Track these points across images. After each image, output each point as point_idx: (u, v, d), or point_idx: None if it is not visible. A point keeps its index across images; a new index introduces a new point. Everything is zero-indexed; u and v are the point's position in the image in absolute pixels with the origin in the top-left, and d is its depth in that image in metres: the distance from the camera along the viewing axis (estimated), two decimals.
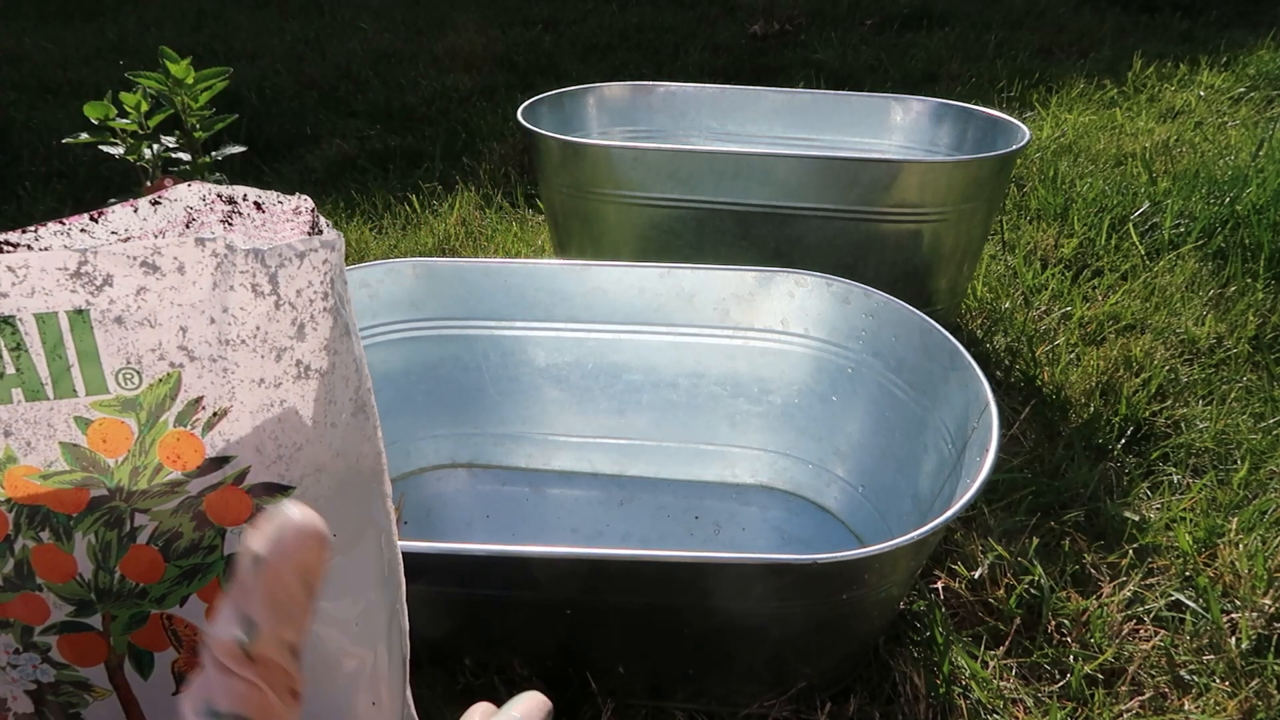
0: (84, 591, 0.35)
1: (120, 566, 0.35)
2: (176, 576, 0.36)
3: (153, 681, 0.37)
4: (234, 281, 0.33)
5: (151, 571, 0.36)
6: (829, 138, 1.42)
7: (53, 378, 0.32)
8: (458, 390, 0.99)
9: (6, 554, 0.34)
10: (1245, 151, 1.82)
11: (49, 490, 0.34)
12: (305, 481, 0.37)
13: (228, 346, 0.34)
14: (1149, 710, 0.76)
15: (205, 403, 0.34)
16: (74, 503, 0.34)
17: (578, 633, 0.70)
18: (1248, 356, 1.22)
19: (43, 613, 0.35)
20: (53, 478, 0.34)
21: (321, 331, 0.35)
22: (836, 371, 0.91)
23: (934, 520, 0.60)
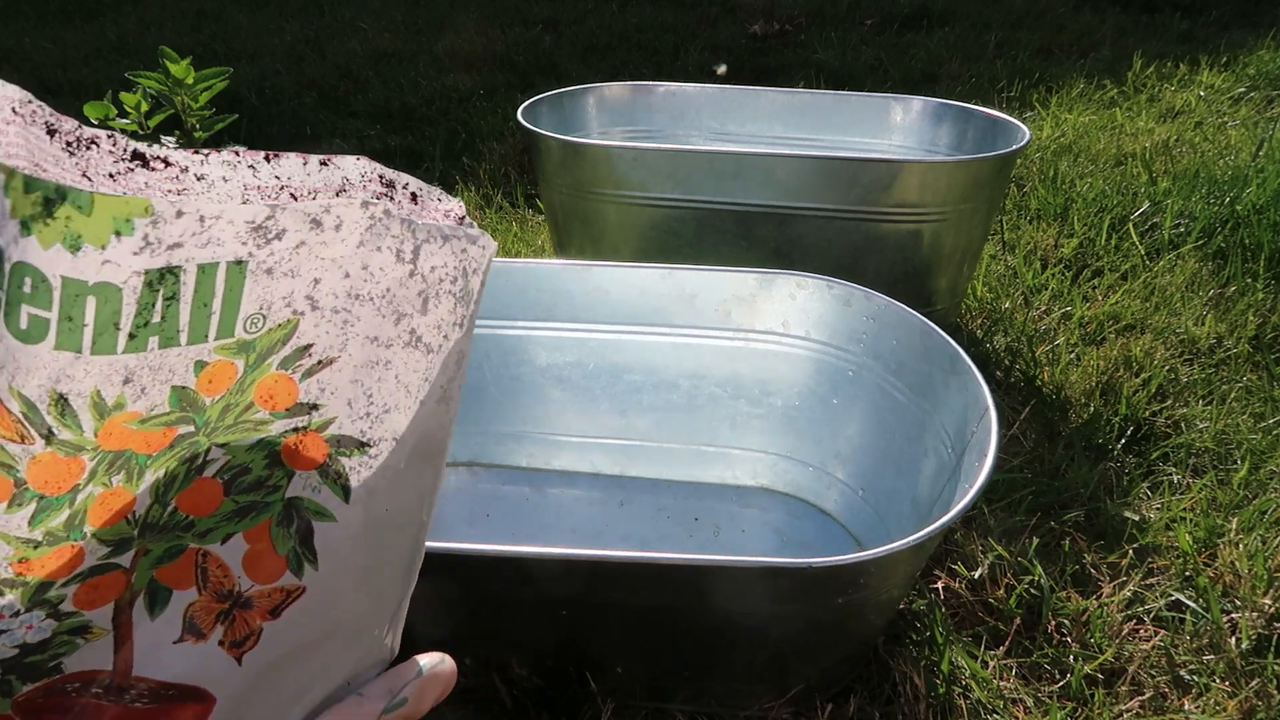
0: (129, 529, 0.35)
1: (178, 499, 0.35)
2: (230, 512, 0.36)
3: (157, 623, 0.36)
4: (381, 244, 0.35)
5: (208, 504, 0.36)
6: (829, 138, 1.42)
7: (190, 325, 0.32)
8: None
9: (65, 505, 0.33)
10: (1245, 151, 1.82)
11: (140, 433, 0.33)
12: (382, 445, 0.37)
13: (355, 301, 0.35)
14: (1149, 710, 0.76)
15: (314, 350, 0.35)
16: (159, 442, 0.34)
17: (577, 633, 0.70)
18: (1248, 356, 1.22)
19: (75, 562, 0.34)
20: (150, 420, 0.33)
21: (442, 311, 0.36)
22: (837, 374, 0.91)
23: (932, 525, 0.60)
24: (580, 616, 0.68)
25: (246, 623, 0.37)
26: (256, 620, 0.37)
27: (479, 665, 0.73)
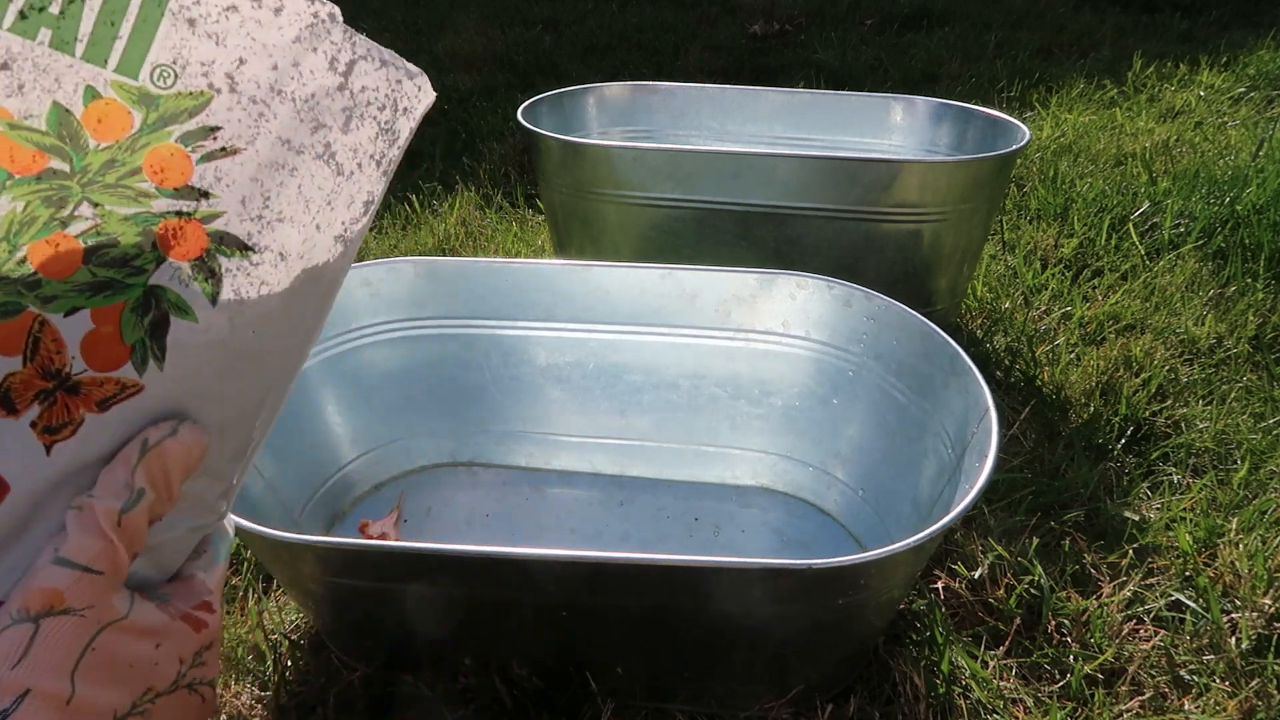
0: None
1: (29, 248, 0.32)
2: (85, 283, 0.33)
3: None
4: (318, 45, 0.34)
5: (62, 267, 0.32)
6: (829, 138, 1.42)
7: (91, 39, 0.31)
8: (459, 389, 0.99)
9: None
10: (1245, 151, 1.82)
11: (6, 140, 0.31)
12: (266, 255, 0.35)
13: (276, 96, 0.34)
14: (1149, 710, 0.76)
15: (220, 135, 0.33)
16: (25, 164, 0.31)
17: (577, 633, 0.70)
18: (1248, 356, 1.22)
19: None
20: (19, 130, 0.31)
21: (363, 135, 0.35)
22: (837, 374, 0.91)
23: (932, 526, 0.60)
24: (580, 617, 0.68)
25: (68, 409, 0.33)
26: (80, 409, 0.33)
27: (479, 666, 0.73)
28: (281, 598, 0.86)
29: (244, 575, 0.88)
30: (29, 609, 0.32)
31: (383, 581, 0.67)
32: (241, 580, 0.88)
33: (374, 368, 0.97)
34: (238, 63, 0.33)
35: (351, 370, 0.95)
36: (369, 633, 0.74)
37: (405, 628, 0.70)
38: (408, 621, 0.69)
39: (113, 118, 0.32)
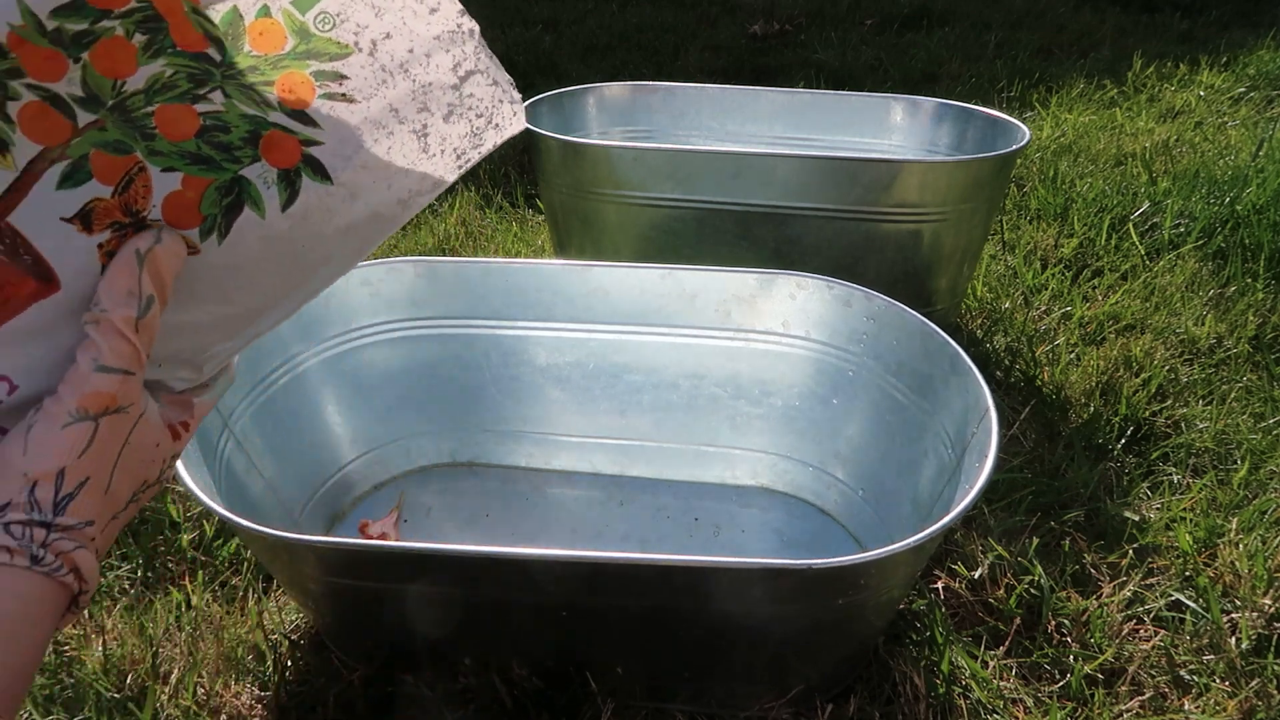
0: (109, 93, 0.37)
1: (160, 107, 0.38)
2: (190, 152, 0.39)
3: (60, 194, 0.38)
4: (451, 49, 0.42)
5: (177, 129, 0.39)
6: (829, 138, 1.42)
7: None
8: (459, 389, 0.99)
9: (87, 19, 0.36)
10: (1245, 151, 1.82)
11: (184, 19, 0.37)
12: (339, 190, 0.42)
13: (403, 73, 0.41)
14: (1149, 710, 0.76)
15: (346, 84, 0.41)
16: (189, 42, 0.38)
17: (577, 633, 0.70)
18: (1248, 356, 1.22)
19: (52, 74, 0.36)
20: (198, 15, 0.38)
21: (455, 131, 0.43)
22: (837, 374, 0.91)
23: (932, 526, 0.60)
24: (580, 617, 0.68)
25: None
26: None
27: (479, 666, 0.73)
28: (281, 598, 0.86)
29: (244, 575, 0.88)
30: (89, 410, 0.38)
31: (383, 581, 0.67)
32: (241, 580, 0.88)
33: (374, 368, 0.97)
34: (385, 35, 0.40)
35: (351, 370, 0.95)
36: (369, 633, 0.74)
37: (405, 628, 0.70)
38: (408, 621, 0.69)
39: (271, 35, 0.39)
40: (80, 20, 0.36)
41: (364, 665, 0.75)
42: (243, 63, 0.39)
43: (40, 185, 0.38)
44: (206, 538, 0.92)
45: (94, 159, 0.38)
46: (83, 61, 0.36)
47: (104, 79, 0.37)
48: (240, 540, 0.91)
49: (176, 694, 0.76)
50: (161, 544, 0.92)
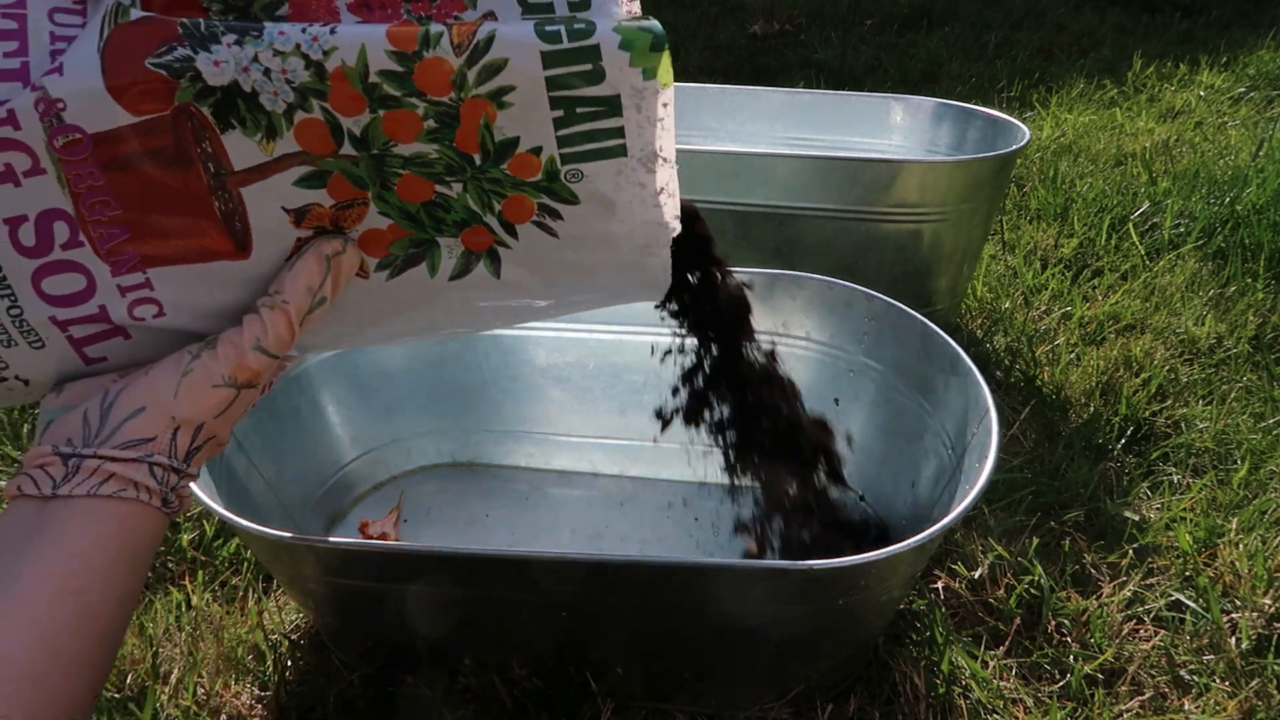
0: (377, 145, 0.42)
1: (407, 175, 0.43)
2: (409, 212, 0.45)
3: (291, 190, 0.43)
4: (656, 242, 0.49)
5: (410, 194, 0.44)
6: (829, 138, 1.42)
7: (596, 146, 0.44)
8: (459, 389, 0.99)
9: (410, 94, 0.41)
10: (1245, 151, 1.82)
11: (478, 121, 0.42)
12: (496, 284, 0.49)
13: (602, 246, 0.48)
14: (1149, 710, 0.76)
15: (556, 224, 0.47)
16: (468, 144, 0.43)
17: (577, 634, 0.70)
18: (1248, 356, 1.22)
19: (354, 111, 0.41)
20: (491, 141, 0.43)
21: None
22: (837, 374, 0.91)
23: (933, 526, 0.60)
24: (580, 617, 0.68)
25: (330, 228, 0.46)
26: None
27: (478, 666, 0.73)
28: (281, 598, 0.86)
29: (244, 575, 0.88)
30: (236, 378, 0.42)
31: (383, 582, 0.67)
32: (241, 580, 0.88)
33: (374, 368, 0.97)
34: (610, 203, 0.47)
35: (351, 370, 0.95)
36: (369, 633, 0.74)
37: (405, 628, 0.70)
38: (408, 621, 0.69)
39: (528, 167, 0.44)
40: (397, 88, 0.40)
41: (364, 665, 0.75)
42: (493, 174, 0.44)
43: (281, 175, 0.42)
44: (206, 538, 0.92)
45: (334, 178, 0.43)
46: (378, 115, 0.41)
47: (383, 134, 0.42)
48: (240, 540, 0.91)
49: (176, 694, 0.76)
50: (161, 544, 0.91)
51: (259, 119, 0.40)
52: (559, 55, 0.40)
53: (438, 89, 0.40)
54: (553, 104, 0.41)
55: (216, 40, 0.38)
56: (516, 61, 0.40)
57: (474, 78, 0.40)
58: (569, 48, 0.40)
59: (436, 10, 0.41)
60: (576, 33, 0.40)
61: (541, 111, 0.42)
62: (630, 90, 0.42)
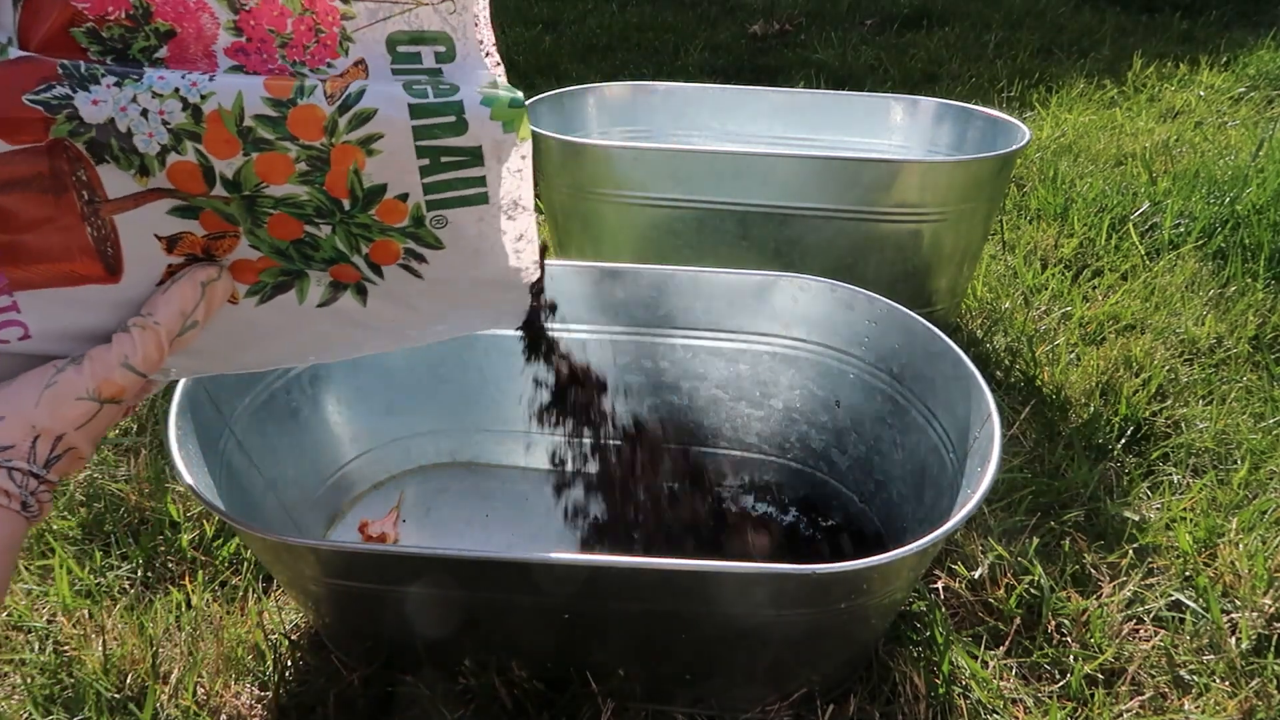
0: (249, 187, 0.44)
1: (278, 214, 0.45)
2: (278, 249, 0.47)
3: (164, 218, 0.44)
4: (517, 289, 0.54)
5: (281, 232, 0.46)
6: (829, 138, 1.42)
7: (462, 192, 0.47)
8: (459, 389, 0.99)
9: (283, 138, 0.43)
10: (1245, 151, 1.82)
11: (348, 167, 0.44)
12: (361, 313, 0.51)
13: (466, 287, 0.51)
14: (1149, 710, 0.76)
15: (421, 267, 0.49)
16: (337, 189, 0.45)
17: (577, 636, 0.70)
18: (1248, 356, 1.22)
19: (228, 154, 0.43)
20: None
21: None
22: (838, 376, 0.91)
23: (935, 530, 0.60)
24: (581, 619, 0.68)
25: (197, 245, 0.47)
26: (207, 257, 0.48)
27: (478, 667, 0.73)
28: (281, 598, 0.86)
29: (244, 575, 0.88)
30: (100, 393, 0.43)
31: (383, 583, 0.67)
32: (241, 580, 0.88)
33: (374, 368, 0.97)
34: (474, 250, 0.50)
35: (351, 370, 0.95)
36: (369, 633, 0.74)
37: (405, 628, 0.70)
38: (408, 622, 0.69)
39: (395, 213, 0.46)
40: (270, 131, 0.42)
41: (364, 666, 0.75)
42: (362, 219, 0.46)
43: (155, 204, 0.44)
44: (206, 538, 0.92)
45: (206, 213, 0.45)
46: (250, 157, 0.43)
47: (255, 176, 0.43)
48: (240, 540, 0.91)
49: (176, 694, 0.76)
50: (161, 544, 0.91)
51: (132, 159, 0.41)
52: (425, 108, 0.43)
53: (310, 134, 0.42)
54: (419, 153, 0.44)
55: (96, 81, 0.40)
56: (385, 111, 0.43)
57: (345, 124, 0.42)
58: (435, 102, 0.43)
59: (310, 56, 0.43)
60: (442, 91, 0.43)
61: (408, 160, 0.44)
62: (491, 142, 0.45)
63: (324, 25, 0.43)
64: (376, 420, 0.98)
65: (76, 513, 0.95)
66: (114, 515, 0.94)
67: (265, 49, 0.42)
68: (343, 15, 0.43)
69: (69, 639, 0.81)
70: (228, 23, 0.42)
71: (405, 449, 1.01)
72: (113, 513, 0.95)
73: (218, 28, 0.42)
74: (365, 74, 0.43)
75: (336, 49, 0.43)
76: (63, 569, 0.86)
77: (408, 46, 0.44)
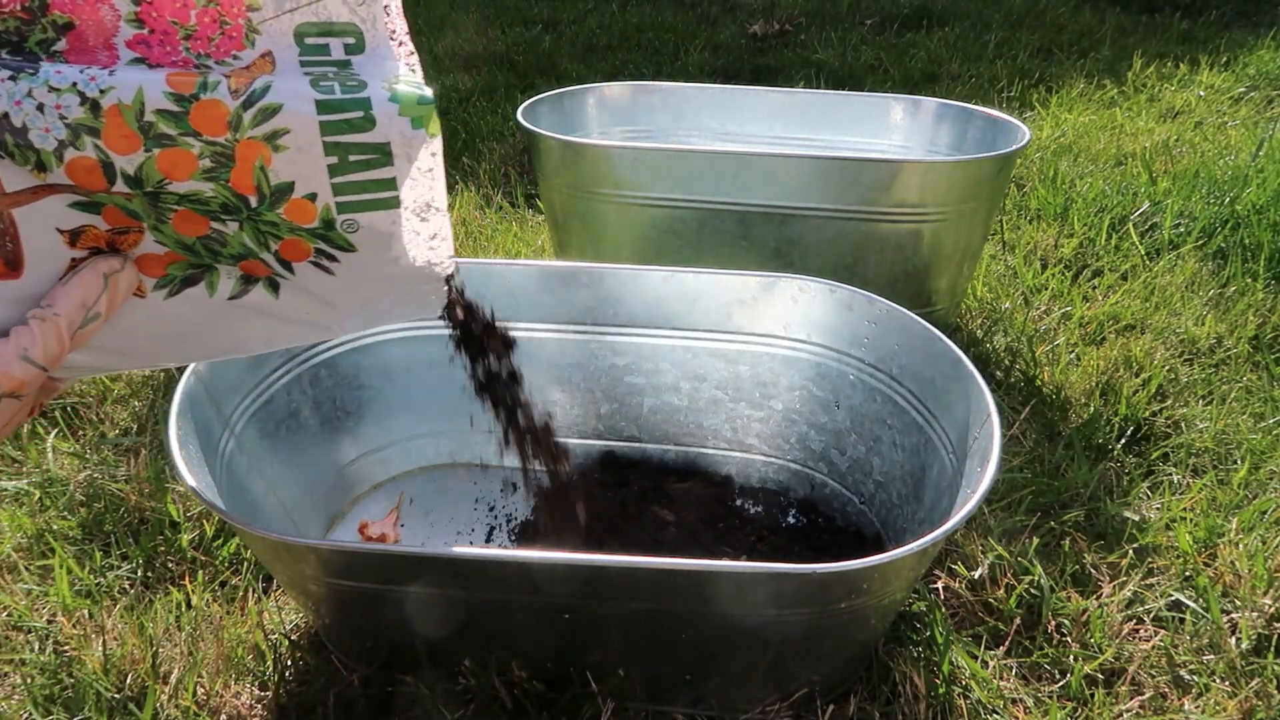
0: (151, 183, 0.43)
1: (183, 210, 0.44)
2: (185, 244, 0.46)
3: (65, 212, 0.44)
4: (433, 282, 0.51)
5: (187, 229, 0.45)
6: (829, 138, 1.42)
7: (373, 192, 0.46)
8: (459, 389, 0.99)
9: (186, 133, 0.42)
10: (1245, 151, 1.82)
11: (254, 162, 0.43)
12: (275, 306, 0.50)
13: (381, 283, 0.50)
14: (1149, 710, 0.76)
15: (333, 266, 0.48)
16: (243, 185, 0.44)
17: (577, 636, 0.70)
18: (1248, 356, 1.22)
19: (128, 150, 0.42)
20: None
21: None
22: (838, 378, 0.91)
23: (935, 530, 0.60)
24: (581, 619, 0.68)
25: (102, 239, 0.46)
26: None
27: (478, 667, 0.73)
28: (281, 598, 0.86)
29: (244, 575, 0.88)
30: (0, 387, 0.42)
31: (383, 583, 0.67)
32: (241, 580, 0.88)
33: (374, 368, 0.97)
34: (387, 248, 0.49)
35: (352, 370, 0.95)
36: (369, 633, 0.74)
37: (405, 629, 0.70)
38: (408, 622, 0.69)
39: (304, 213, 0.46)
40: (172, 127, 0.41)
41: (364, 666, 0.75)
42: (269, 217, 0.45)
43: (56, 198, 0.43)
44: (206, 538, 0.92)
45: (108, 208, 0.44)
46: (152, 153, 0.42)
47: (157, 172, 0.42)
48: (240, 540, 0.91)
49: (176, 694, 0.76)
50: (161, 544, 0.92)
51: (28, 155, 0.41)
52: (332, 104, 0.42)
53: (213, 129, 0.42)
54: (327, 149, 0.43)
55: None
56: (291, 106, 0.42)
57: (250, 119, 0.42)
58: (342, 98, 0.43)
59: (215, 49, 0.42)
60: (350, 87, 0.43)
61: (315, 156, 0.43)
62: (400, 138, 0.44)
63: (229, 17, 0.42)
64: (376, 421, 0.98)
65: (76, 513, 0.95)
66: (114, 515, 0.95)
67: (168, 41, 0.42)
68: (249, 7, 0.42)
69: (69, 639, 0.81)
70: (129, 14, 0.41)
71: (405, 450, 1.01)
72: (113, 513, 0.95)
73: (118, 19, 0.41)
74: (272, 66, 0.43)
75: (242, 41, 0.42)
76: (63, 569, 0.86)
77: (316, 38, 0.43)
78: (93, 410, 1.11)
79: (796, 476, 0.98)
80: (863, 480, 0.92)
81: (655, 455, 1.00)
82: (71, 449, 1.04)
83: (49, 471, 0.99)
